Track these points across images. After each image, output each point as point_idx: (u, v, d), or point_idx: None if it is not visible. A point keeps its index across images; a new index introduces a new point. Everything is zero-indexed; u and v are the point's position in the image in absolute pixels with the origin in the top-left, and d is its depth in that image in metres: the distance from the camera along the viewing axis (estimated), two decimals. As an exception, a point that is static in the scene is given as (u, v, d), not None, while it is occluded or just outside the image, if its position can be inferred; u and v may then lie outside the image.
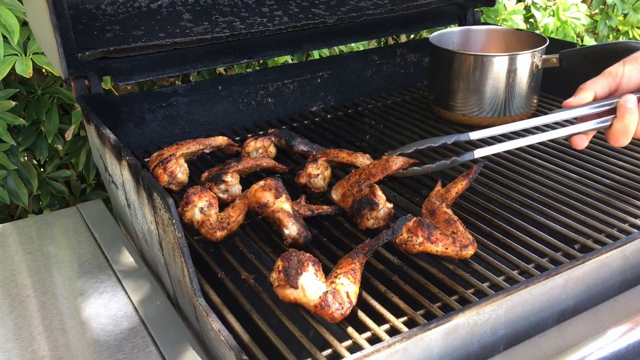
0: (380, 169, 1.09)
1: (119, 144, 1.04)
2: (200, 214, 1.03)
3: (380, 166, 1.10)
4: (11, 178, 1.64)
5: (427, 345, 0.78)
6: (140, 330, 0.94)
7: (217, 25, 1.42)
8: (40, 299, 1.03)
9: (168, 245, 0.91)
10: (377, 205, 1.01)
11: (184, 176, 1.18)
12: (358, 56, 1.66)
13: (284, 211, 0.99)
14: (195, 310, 0.87)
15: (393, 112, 1.53)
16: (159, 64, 1.36)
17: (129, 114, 1.39)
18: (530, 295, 0.86)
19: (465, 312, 0.79)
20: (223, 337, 0.77)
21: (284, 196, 1.01)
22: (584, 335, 0.88)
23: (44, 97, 1.67)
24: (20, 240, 1.21)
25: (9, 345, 0.92)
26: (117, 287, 1.05)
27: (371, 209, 1.01)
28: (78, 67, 1.25)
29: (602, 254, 0.91)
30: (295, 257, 0.85)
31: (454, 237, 0.94)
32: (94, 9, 1.39)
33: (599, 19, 2.79)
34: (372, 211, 1.01)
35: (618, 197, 1.09)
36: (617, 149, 1.26)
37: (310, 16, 1.50)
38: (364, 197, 1.02)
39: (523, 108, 1.41)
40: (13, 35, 1.47)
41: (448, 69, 1.41)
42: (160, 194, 0.85)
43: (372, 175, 1.08)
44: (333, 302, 0.81)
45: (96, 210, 1.30)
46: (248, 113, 1.52)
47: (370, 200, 1.01)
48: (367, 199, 1.02)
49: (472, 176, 1.08)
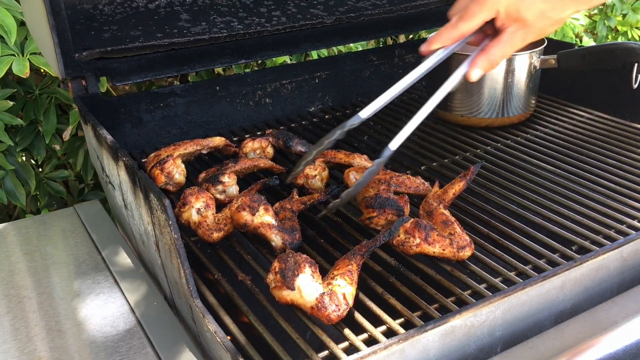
0: (415, 186, 1.10)
1: (116, 144, 1.04)
2: (197, 215, 1.03)
3: (416, 184, 1.10)
4: (9, 178, 1.63)
5: (424, 347, 0.78)
6: (137, 331, 0.94)
7: (215, 26, 1.41)
8: (37, 299, 1.02)
9: (165, 246, 0.90)
10: (403, 214, 1.02)
11: (182, 177, 1.17)
12: (356, 57, 1.66)
13: (264, 225, 0.97)
14: (191, 311, 0.87)
15: (391, 113, 1.53)
16: (156, 65, 1.36)
17: (127, 114, 1.38)
18: (528, 296, 0.86)
19: (462, 313, 0.79)
20: (219, 338, 0.76)
21: (262, 208, 0.98)
22: (581, 336, 0.87)
23: (41, 97, 1.67)
24: (18, 240, 1.20)
25: (6, 346, 0.92)
26: (114, 288, 1.05)
27: (396, 214, 1.01)
28: (75, 68, 1.25)
29: (599, 256, 0.91)
30: (292, 258, 0.85)
31: (451, 238, 0.94)
32: (91, 9, 1.39)
33: (597, 19, 2.79)
34: (395, 216, 1.01)
35: (616, 198, 1.09)
36: (614, 151, 1.26)
37: (308, 17, 1.50)
38: (395, 201, 1.02)
39: (521, 109, 1.41)
40: (10, 36, 1.46)
41: (446, 70, 1.41)
42: (157, 195, 0.85)
43: (405, 186, 1.08)
44: (330, 304, 0.81)
45: (93, 211, 1.30)
46: (246, 113, 1.52)
47: (399, 207, 1.01)
48: (397, 204, 1.02)
49: (470, 177, 1.08)
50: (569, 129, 1.39)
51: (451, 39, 0.98)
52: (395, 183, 1.08)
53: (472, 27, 0.95)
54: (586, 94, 1.51)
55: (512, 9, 0.91)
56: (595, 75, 1.49)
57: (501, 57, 0.97)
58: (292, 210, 1.04)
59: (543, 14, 0.92)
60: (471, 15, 0.94)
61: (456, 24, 0.96)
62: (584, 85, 1.53)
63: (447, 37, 0.98)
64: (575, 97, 1.53)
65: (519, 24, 0.93)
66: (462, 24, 0.95)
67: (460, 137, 1.38)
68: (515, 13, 0.92)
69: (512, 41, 0.95)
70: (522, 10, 0.91)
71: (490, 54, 0.97)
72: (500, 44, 0.96)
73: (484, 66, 0.98)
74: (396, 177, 1.09)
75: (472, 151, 1.31)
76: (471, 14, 0.94)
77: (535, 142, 1.34)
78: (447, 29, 0.97)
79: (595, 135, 1.35)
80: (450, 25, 0.97)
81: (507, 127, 1.41)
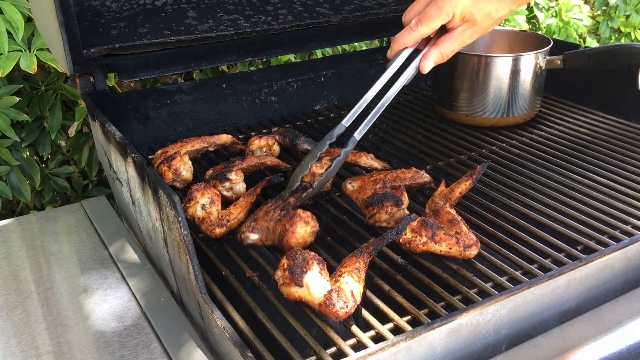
0: (410, 176, 1.12)
1: (125, 141, 1.04)
2: (202, 210, 1.03)
3: (410, 174, 1.12)
4: (14, 174, 1.64)
5: (430, 345, 0.78)
6: (144, 326, 0.95)
7: (222, 24, 1.42)
8: (44, 295, 1.03)
9: (173, 242, 0.91)
10: (402, 203, 1.03)
11: (189, 174, 1.18)
12: (362, 55, 1.66)
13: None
14: (199, 307, 0.88)
15: (396, 112, 1.53)
16: (163, 62, 1.37)
17: (134, 111, 1.39)
18: (533, 295, 0.86)
19: (468, 311, 0.80)
20: (228, 334, 0.77)
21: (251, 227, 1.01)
22: (585, 336, 0.88)
23: (47, 93, 1.67)
24: (23, 236, 1.21)
25: (13, 341, 0.92)
26: (121, 284, 1.05)
27: (395, 205, 1.02)
28: (83, 64, 1.25)
29: (604, 256, 0.92)
30: (300, 255, 0.86)
31: (458, 237, 0.94)
32: (99, 6, 1.39)
33: (601, 20, 2.80)
34: (394, 207, 1.02)
35: (621, 199, 1.10)
36: (619, 151, 1.26)
37: (314, 15, 1.51)
38: (390, 193, 1.04)
39: (526, 109, 1.42)
40: (17, 31, 1.47)
41: (452, 69, 1.42)
42: (166, 192, 0.86)
43: (400, 179, 1.10)
44: (337, 301, 0.81)
45: (100, 207, 1.30)
46: (252, 111, 1.53)
47: (396, 197, 1.03)
48: (394, 195, 1.03)
49: (476, 177, 1.08)
50: (574, 129, 1.40)
51: (412, 41, 1.06)
52: (389, 179, 1.09)
53: (431, 29, 1.05)
54: (591, 94, 1.52)
55: (467, 12, 1.03)
56: (600, 76, 1.50)
57: (452, 51, 1.08)
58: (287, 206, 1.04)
59: (489, 15, 1.04)
60: (430, 18, 1.03)
61: (415, 27, 1.05)
62: (589, 86, 1.53)
63: (408, 39, 1.06)
64: (580, 98, 1.53)
65: (469, 24, 1.05)
66: (421, 27, 1.04)
67: (465, 136, 1.39)
68: (469, 15, 1.03)
69: (462, 38, 1.06)
70: (474, 12, 1.03)
71: (442, 47, 1.07)
72: (451, 40, 1.06)
73: (437, 59, 1.08)
74: (390, 173, 1.11)
75: (477, 151, 1.32)
76: (430, 18, 1.03)
77: (540, 142, 1.35)
78: (408, 32, 1.06)
79: (600, 136, 1.35)
80: (410, 28, 1.05)
81: (512, 127, 1.42)
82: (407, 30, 1.06)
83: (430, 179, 1.14)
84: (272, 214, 1.00)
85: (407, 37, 1.06)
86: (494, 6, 1.04)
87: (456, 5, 1.02)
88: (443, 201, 1.04)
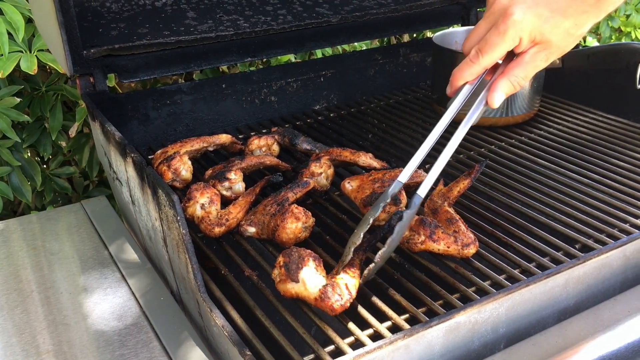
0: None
1: (124, 141, 1.05)
2: (201, 210, 1.04)
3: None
4: (15, 174, 1.65)
5: (428, 343, 0.78)
6: (143, 325, 0.95)
7: (222, 24, 1.42)
8: (44, 294, 1.03)
9: (172, 241, 0.91)
10: (400, 202, 1.03)
11: (188, 174, 1.18)
12: (361, 55, 1.67)
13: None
14: (199, 306, 0.88)
15: (396, 112, 1.54)
16: (163, 62, 1.37)
17: (134, 111, 1.39)
18: (531, 294, 0.86)
19: (466, 310, 0.80)
20: (227, 332, 0.77)
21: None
22: (584, 334, 0.88)
23: (48, 94, 1.68)
24: (24, 236, 1.21)
25: (14, 340, 0.93)
26: (121, 283, 1.05)
27: (394, 203, 1.02)
28: (83, 65, 1.26)
29: (602, 254, 0.92)
30: (296, 252, 0.86)
31: (456, 235, 0.95)
32: (99, 7, 1.40)
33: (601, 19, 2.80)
34: (393, 206, 1.02)
35: (619, 197, 1.10)
36: (618, 150, 1.27)
37: (314, 15, 1.51)
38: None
39: (525, 108, 1.42)
40: (18, 32, 1.47)
41: (451, 69, 1.41)
42: (166, 191, 0.86)
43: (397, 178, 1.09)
44: (332, 294, 0.81)
45: (100, 207, 1.31)
46: (251, 111, 1.53)
47: (395, 196, 1.02)
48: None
49: (474, 175, 1.09)
50: (573, 128, 1.40)
51: (473, 75, 0.92)
52: (388, 178, 1.09)
53: (494, 59, 0.89)
54: (590, 94, 1.52)
55: (537, 33, 0.85)
56: (599, 75, 1.50)
57: (524, 79, 0.91)
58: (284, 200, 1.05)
59: (567, 33, 0.86)
60: (492, 47, 0.87)
61: (476, 58, 0.89)
62: (588, 86, 1.53)
63: (469, 73, 0.91)
64: (579, 97, 1.53)
65: (542, 45, 0.87)
66: (482, 57, 0.88)
67: (464, 135, 1.38)
68: (540, 37, 0.86)
69: (535, 62, 0.89)
70: (546, 32, 0.85)
71: (512, 75, 0.90)
72: (522, 66, 0.89)
73: (507, 90, 0.92)
74: (389, 172, 1.11)
75: (476, 150, 1.32)
76: (492, 46, 0.87)
77: (539, 141, 1.35)
78: (468, 65, 0.90)
79: (598, 135, 1.35)
80: (470, 59, 0.90)
81: (511, 127, 1.42)
82: (467, 62, 0.90)
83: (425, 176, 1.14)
84: (269, 208, 1.01)
85: (468, 71, 0.90)
86: (571, 22, 0.85)
87: (522, 28, 0.84)
88: (441, 200, 1.04)
